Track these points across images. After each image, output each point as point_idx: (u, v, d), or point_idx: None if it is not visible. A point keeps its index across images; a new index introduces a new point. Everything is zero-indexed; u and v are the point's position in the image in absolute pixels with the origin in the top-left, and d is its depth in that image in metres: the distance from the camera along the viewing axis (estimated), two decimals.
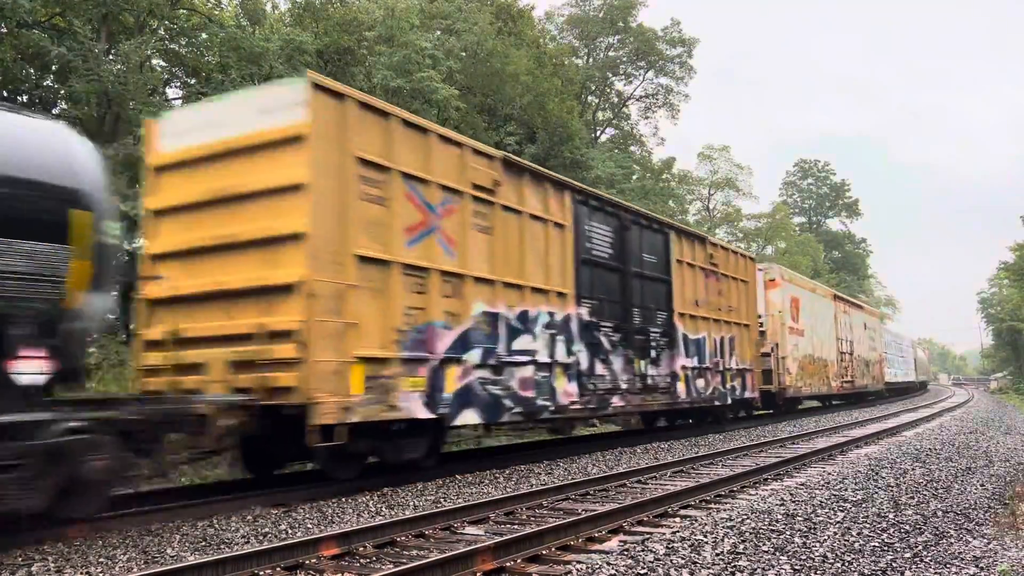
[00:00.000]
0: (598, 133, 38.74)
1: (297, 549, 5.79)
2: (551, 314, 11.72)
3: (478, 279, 10.25)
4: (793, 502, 7.70)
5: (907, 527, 6.57)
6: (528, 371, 11.03)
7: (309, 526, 7.03)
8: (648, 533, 6.55)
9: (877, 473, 9.84)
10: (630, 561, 5.35)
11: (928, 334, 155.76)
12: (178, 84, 20.73)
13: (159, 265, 9.09)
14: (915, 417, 22.50)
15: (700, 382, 16.42)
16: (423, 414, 9.16)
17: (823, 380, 26.82)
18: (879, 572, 5.20)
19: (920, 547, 5.89)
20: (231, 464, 9.65)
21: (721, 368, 17.47)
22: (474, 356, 10.02)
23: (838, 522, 6.72)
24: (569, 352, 12.03)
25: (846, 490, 8.43)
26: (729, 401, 18.15)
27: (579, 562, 5.51)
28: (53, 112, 17.26)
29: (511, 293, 10.89)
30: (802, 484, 9.12)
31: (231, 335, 8.18)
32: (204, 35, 19.51)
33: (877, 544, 5.95)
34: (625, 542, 6.25)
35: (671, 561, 5.35)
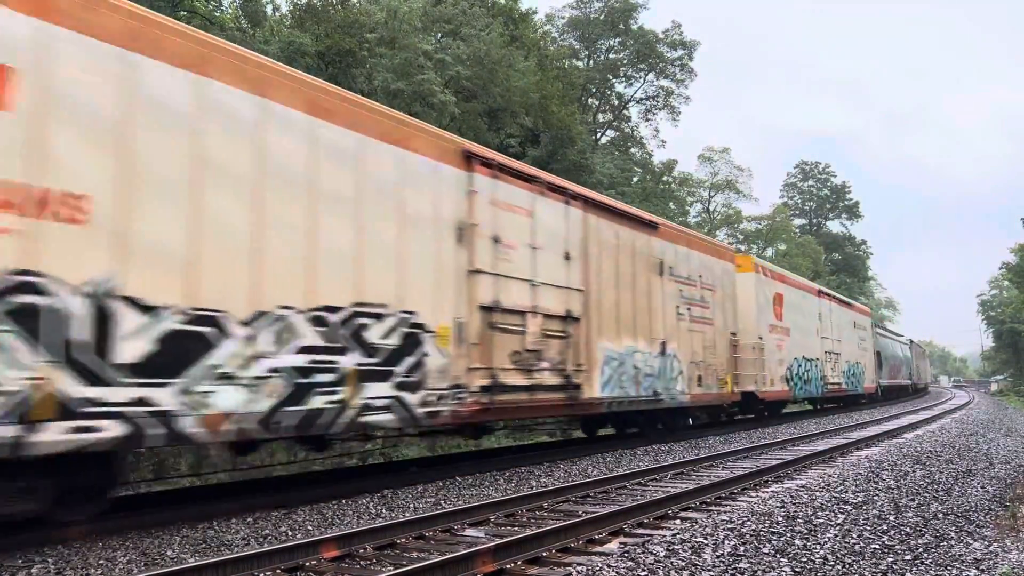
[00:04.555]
0: (599, 135, 38.74)
1: (297, 551, 5.79)
2: None
3: None
4: (793, 504, 7.70)
5: (908, 529, 6.57)
6: None
7: (309, 528, 7.04)
8: (648, 535, 6.55)
9: (877, 475, 9.83)
10: (630, 563, 5.34)
11: (928, 336, 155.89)
12: None
13: None
14: (916, 419, 22.49)
15: None
16: None
17: None
18: (879, 574, 5.19)
19: (920, 549, 5.88)
20: None
21: None
22: None
23: (838, 524, 6.71)
24: None
25: (846, 492, 8.42)
26: None
27: (579, 564, 5.50)
28: None
29: None
30: (802, 486, 9.12)
31: None
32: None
33: (878, 546, 5.94)
34: (625, 544, 6.25)
35: (671, 563, 5.34)
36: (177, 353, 6.64)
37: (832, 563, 5.42)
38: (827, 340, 26.77)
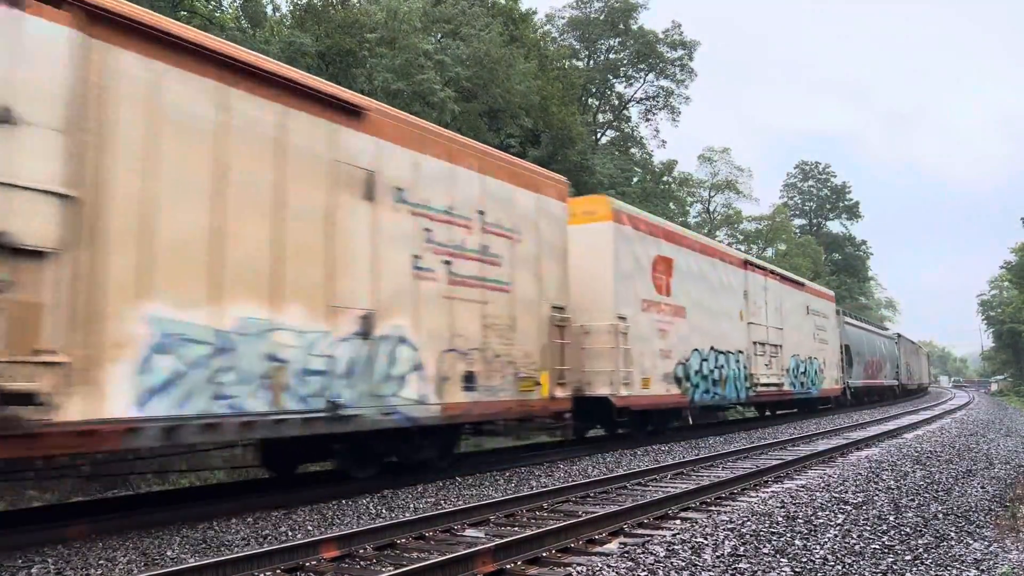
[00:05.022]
0: (599, 135, 38.75)
1: (297, 551, 5.79)
2: None
3: None
4: (794, 504, 7.69)
5: (908, 529, 6.57)
6: None
7: (309, 528, 7.04)
8: (648, 535, 6.55)
9: (878, 475, 9.83)
10: (630, 563, 5.34)
11: (928, 336, 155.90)
12: None
13: None
14: (916, 419, 22.49)
15: None
16: None
17: None
18: (880, 574, 5.19)
19: (921, 549, 5.88)
20: None
21: None
22: None
23: (839, 524, 6.71)
24: None
25: (846, 492, 8.42)
26: None
27: (579, 564, 5.50)
28: None
29: None
30: (802, 486, 9.12)
31: None
32: None
33: (878, 546, 5.94)
34: (625, 544, 6.25)
35: (671, 563, 5.34)
36: None
37: (832, 563, 5.42)
38: (757, 327, 19.66)
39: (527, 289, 11.41)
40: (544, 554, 5.94)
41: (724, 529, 6.45)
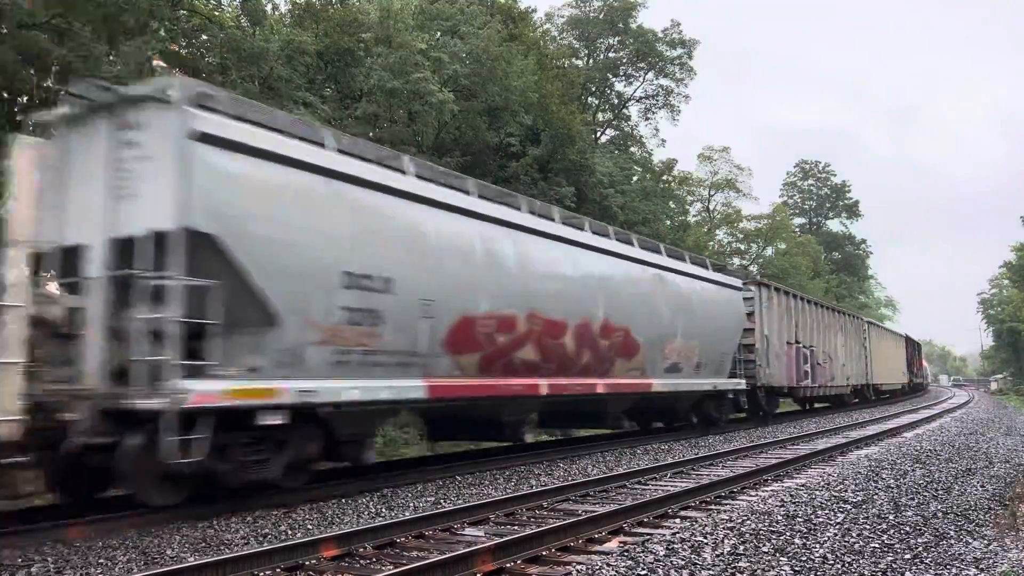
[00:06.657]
0: (598, 134, 38.72)
1: (297, 550, 5.80)
2: None
3: None
4: (793, 503, 7.70)
5: (907, 528, 6.57)
6: None
7: (309, 527, 7.04)
8: (648, 534, 6.55)
9: (877, 474, 9.83)
10: (630, 562, 5.34)
11: (928, 335, 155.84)
12: None
13: None
14: (916, 419, 22.49)
15: None
16: None
17: None
18: (879, 573, 5.20)
19: (920, 548, 5.88)
20: None
21: None
22: None
23: (838, 523, 6.71)
24: None
25: (846, 491, 8.42)
26: None
27: (579, 563, 5.51)
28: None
29: None
30: (802, 485, 9.12)
31: None
32: (204, 36, 19.48)
33: (877, 545, 5.95)
34: (625, 543, 6.25)
35: (671, 562, 5.34)
36: None
37: (832, 562, 5.42)
38: None
39: None
40: (544, 553, 5.95)
41: (724, 528, 6.45)
